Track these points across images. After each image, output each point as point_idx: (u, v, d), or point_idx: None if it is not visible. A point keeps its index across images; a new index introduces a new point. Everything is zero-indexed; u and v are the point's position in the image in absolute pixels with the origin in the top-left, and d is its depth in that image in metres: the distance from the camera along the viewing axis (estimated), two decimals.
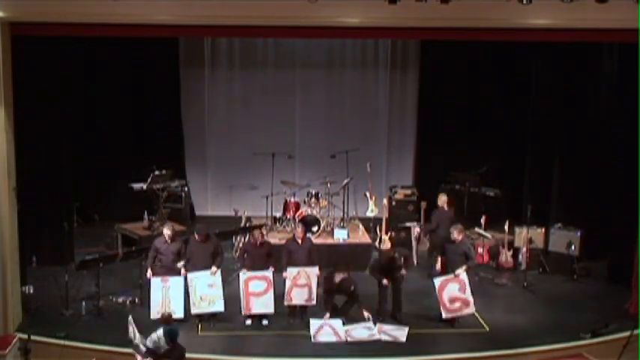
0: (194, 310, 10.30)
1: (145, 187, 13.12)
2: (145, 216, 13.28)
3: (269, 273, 10.35)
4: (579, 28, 10.07)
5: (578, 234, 12.51)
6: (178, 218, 13.41)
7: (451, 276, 10.39)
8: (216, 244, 10.71)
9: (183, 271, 10.32)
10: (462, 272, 10.36)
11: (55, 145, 12.37)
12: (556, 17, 9.71)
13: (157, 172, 13.17)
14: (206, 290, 10.29)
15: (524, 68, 13.90)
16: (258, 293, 10.29)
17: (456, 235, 10.55)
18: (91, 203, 14.02)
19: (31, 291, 10.86)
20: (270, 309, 10.34)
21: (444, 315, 10.41)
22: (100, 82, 13.96)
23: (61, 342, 9.60)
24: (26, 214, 10.64)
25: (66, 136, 12.74)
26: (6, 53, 9.74)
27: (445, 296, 10.37)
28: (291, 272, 10.39)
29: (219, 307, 10.35)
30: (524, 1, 9.12)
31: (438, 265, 10.76)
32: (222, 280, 10.45)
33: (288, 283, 10.39)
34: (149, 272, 10.35)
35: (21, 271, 10.50)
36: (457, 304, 10.38)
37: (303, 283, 10.41)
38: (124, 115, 14.17)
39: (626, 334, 9.50)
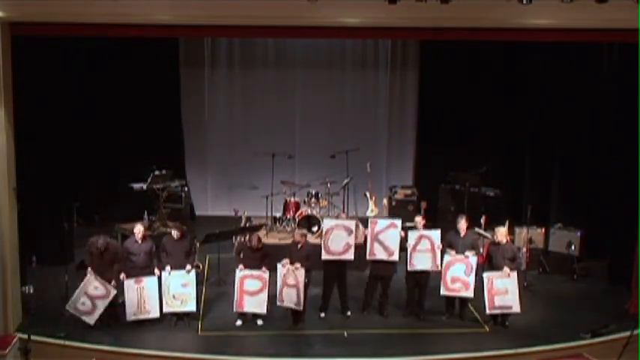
0: (166, 309, 10.31)
1: (145, 187, 13.12)
2: (145, 216, 13.28)
3: (265, 273, 10.32)
4: (579, 28, 10.08)
5: (578, 234, 12.53)
6: (178, 218, 13.39)
7: (461, 257, 10.45)
8: (192, 243, 10.80)
9: (157, 270, 10.31)
10: (471, 255, 10.44)
11: (55, 146, 12.37)
12: (556, 17, 9.71)
13: (156, 172, 13.16)
14: (180, 289, 10.31)
15: (524, 68, 13.90)
16: (252, 292, 10.27)
17: (463, 225, 10.60)
18: (91, 203, 14.02)
19: (31, 291, 10.87)
20: (262, 309, 10.29)
21: (442, 292, 10.52)
22: (99, 82, 13.94)
23: (61, 342, 9.60)
24: (26, 214, 10.63)
25: (66, 136, 12.76)
26: (6, 53, 9.75)
27: (448, 274, 10.46)
28: (281, 270, 10.32)
29: (191, 307, 10.36)
30: (524, 1, 9.12)
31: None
32: (223, 281, 10.47)
33: (279, 282, 10.33)
34: (122, 275, 10.23)
35: (21, 271, 10.51)
36: (457, 285, 10.46)
37: (292, 284, 10.30)
38: (124, 115, 14.16)
39: (626, 334, 9.51)
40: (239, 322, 10.42)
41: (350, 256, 10.64)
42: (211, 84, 15.43)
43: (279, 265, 10.34)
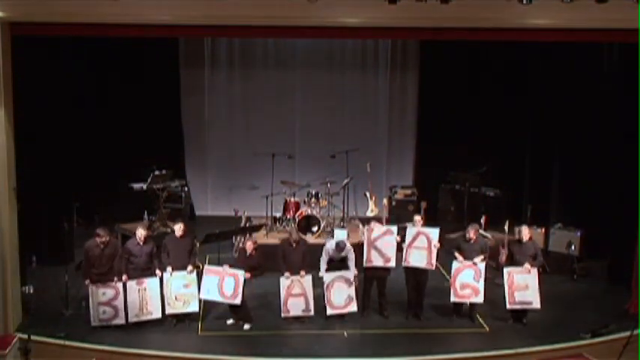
0: (169, 310, 10.32)
1: (145, 187, 13.12)
2: (145, 216, 13.28)
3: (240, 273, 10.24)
4: (579, 28, 10.09)
5: (578, 234, 12.53)
6: (178, 218, 13.38)
7: (470, 263, 10.49)
8: (193, 242, 10.80)
9: (158, 272, 10.30)
10: (479, 261, 10.49)
11: (55, 146, 12.37)
12: (556, 17, 9.72)
13: (156, 172, 13.17)
14: (181, 290, 10.32)
15: (525, 68, 13.90)
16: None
17: (472, 234, 10.64)
18: (91, 203, 14.00)
19: (31, 291, 10.87)
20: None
21: (452, 299, 10.56)
22: (100, 82, 13.96)
23: (61, 342, 9.61)
24: (26, 214, 10.63)
25: (66, 136, 12.75)
26: (6, 53, 9.75)
27: (458, 281, 10.51)
28: (284, 283, 10.38)
29: (193, 307, 10.38)
30: (524, 1, 9.13)
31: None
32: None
33: (282, 294, 10.39)
34: (124, 276, 10.20)
35: (21, 271, 10.51)
36: (467, 291, 10.51)
37: (298, 293, 10.40)
38: (124, 115, 14.17)
39: (626, 334, 9.51)
40: (230, 321, 10.44)
41: (353, 308, 10.58)
42: (211, 84, 15.43)
43: (282, 279, 10.39)
